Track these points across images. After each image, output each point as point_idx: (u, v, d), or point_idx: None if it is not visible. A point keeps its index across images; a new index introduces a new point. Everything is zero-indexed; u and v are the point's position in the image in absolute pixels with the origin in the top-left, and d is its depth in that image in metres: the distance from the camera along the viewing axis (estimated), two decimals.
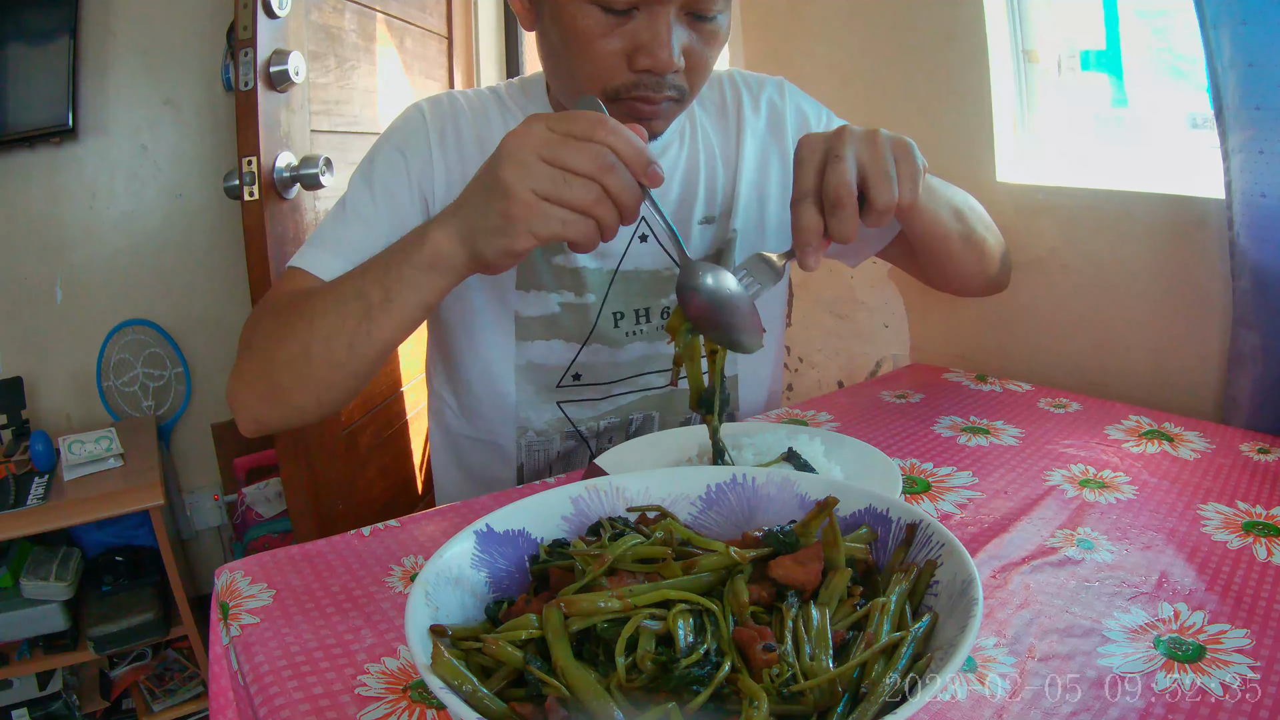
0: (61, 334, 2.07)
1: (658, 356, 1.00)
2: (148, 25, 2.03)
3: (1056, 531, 0.69)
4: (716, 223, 1.00)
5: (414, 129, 0.92)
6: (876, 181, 0.68)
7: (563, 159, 0.63)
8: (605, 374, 0.99)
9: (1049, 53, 1.30)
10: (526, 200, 0.64)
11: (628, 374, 1.00)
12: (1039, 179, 1.27)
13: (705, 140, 1.00)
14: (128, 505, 1.67)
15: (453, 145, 0.92)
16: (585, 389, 0.99)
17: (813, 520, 0.52)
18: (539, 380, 0.97)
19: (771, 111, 1.02)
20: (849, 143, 0.69)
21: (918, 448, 0.88)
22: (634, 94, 0.81)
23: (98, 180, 2.06)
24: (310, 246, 0.87)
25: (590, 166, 0.63)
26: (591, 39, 0.78)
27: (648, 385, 1.01)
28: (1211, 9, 0.89)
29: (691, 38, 0.80)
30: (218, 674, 0.65)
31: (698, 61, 0.82)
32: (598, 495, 0.57)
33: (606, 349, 0.97)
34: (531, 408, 0.98)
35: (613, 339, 0.97)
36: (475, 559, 0.51)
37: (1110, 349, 1.18)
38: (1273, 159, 0.89)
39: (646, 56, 0.77)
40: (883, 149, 0.69)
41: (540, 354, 0.96)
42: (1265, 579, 0.61)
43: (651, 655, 0.42)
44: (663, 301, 0.98)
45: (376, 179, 0.89)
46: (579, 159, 0.63)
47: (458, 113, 0.93)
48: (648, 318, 0.98)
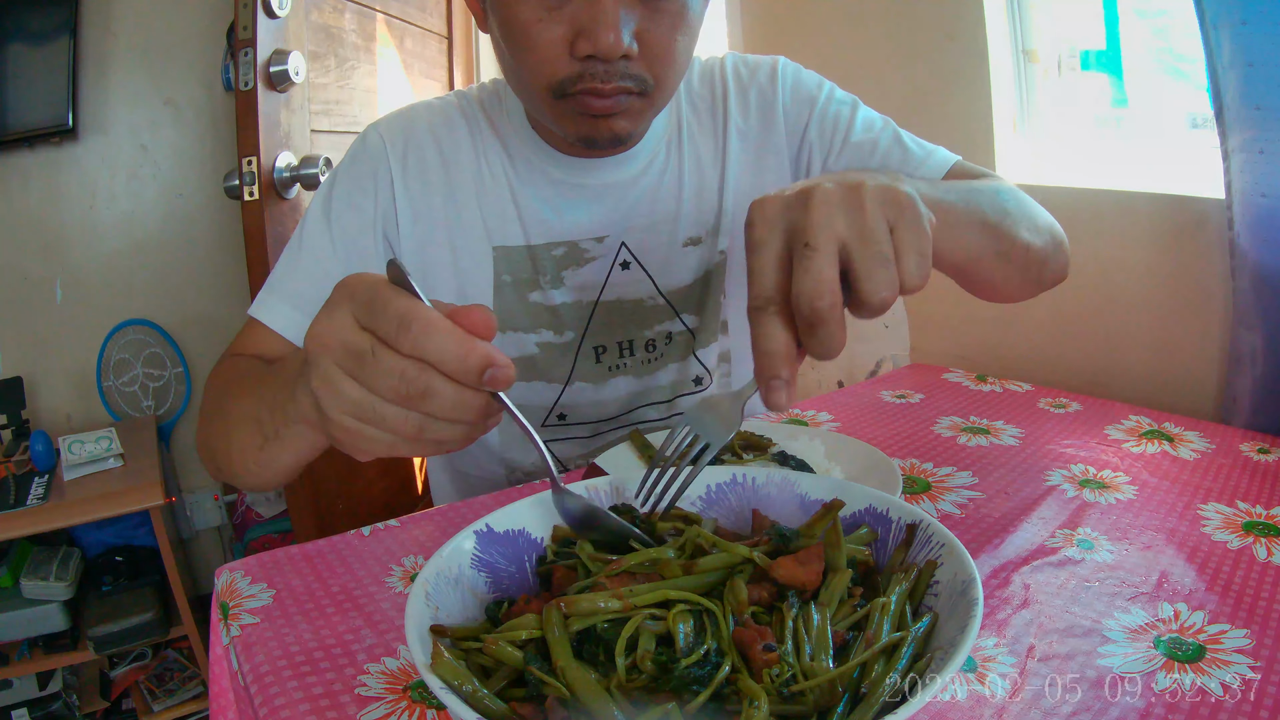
0: (61, 334, 2.07)
1: (646, 391, 0.94)
2: (148, 25, 2.03)
3: (1056, 531, 0.69)
4: (704, 243, 0.92)
5: (375, 161, 0.85)
6: (870, 271, 0.46)
7: (365, 379, 0.45)
8: (591, 413, 0.93)
9: (1049, 53, 1.30)
10: (344, 425, 0.47)
11: (615, 412, 0.94)
12: (1039, 179, 1.27)
13: (692, 146, 0.91)
14: (128, 505, 1.67)
15: (415, 174, 0.85)
16: (572, 428, 0.94)
17: (818, 522, 0.52)
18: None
19: (762, 104, 0.91)
20: (823, 219, 0.46)
21: (918, 448, 0.88)
22: (581, 86, 0.72)
23: (98, 180, 2.06)
24: (270, 294, 0.83)
25: (395, 392, 0.45)
26: (530, 27, 0.71)
27: (641, 419, 0.95)
28: (1211, 9, 0.89)
29: (646, 18, 0.71)
30: (218, 674, 0.65)
31: (658, 47, 0.73)
32: (598, 495, 0.57)
33: (590, 387, 0.92)
34: (516, 449, 0.94)
35: (594, 376, 0.91)
36: (475, 559, 0.51)
37: (1110, 349, 1.18)
38: (1273, 159, 0.89)
39: (588, 41, 0.69)
40: (872, 221, 0.47)
41: (520, 395, 0.90)
42: (1265, 579, 0.61)
43: (652, 655, 0.42)
44: (646, 333, 0.92)
45: (335, 221, 0.83)
46: (382, 381, 0.45)
47: (419, 134, 0.86)
48: (631, 351, 0.92)
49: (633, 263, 0.90)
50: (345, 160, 0.87)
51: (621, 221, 0.89)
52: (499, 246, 0.87)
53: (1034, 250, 0.79)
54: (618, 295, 0.90)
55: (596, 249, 0.89)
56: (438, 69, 2.15)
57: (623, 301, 0.91)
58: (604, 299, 0.90)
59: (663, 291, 0.92)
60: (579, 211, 0.88)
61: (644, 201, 0.89)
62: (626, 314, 0.91)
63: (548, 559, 0.53)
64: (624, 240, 0.89)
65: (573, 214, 0.87)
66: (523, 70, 0.75)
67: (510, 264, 0.87)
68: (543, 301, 0.89)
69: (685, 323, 0.94)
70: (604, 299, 0.90)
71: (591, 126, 0.76)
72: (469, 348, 0.44)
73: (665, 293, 0.92)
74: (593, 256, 0.89)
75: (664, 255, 0.91)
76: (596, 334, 0.91)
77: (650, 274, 0.90)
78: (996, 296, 0.86)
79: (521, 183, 0.87)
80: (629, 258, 0.89)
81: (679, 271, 0.92)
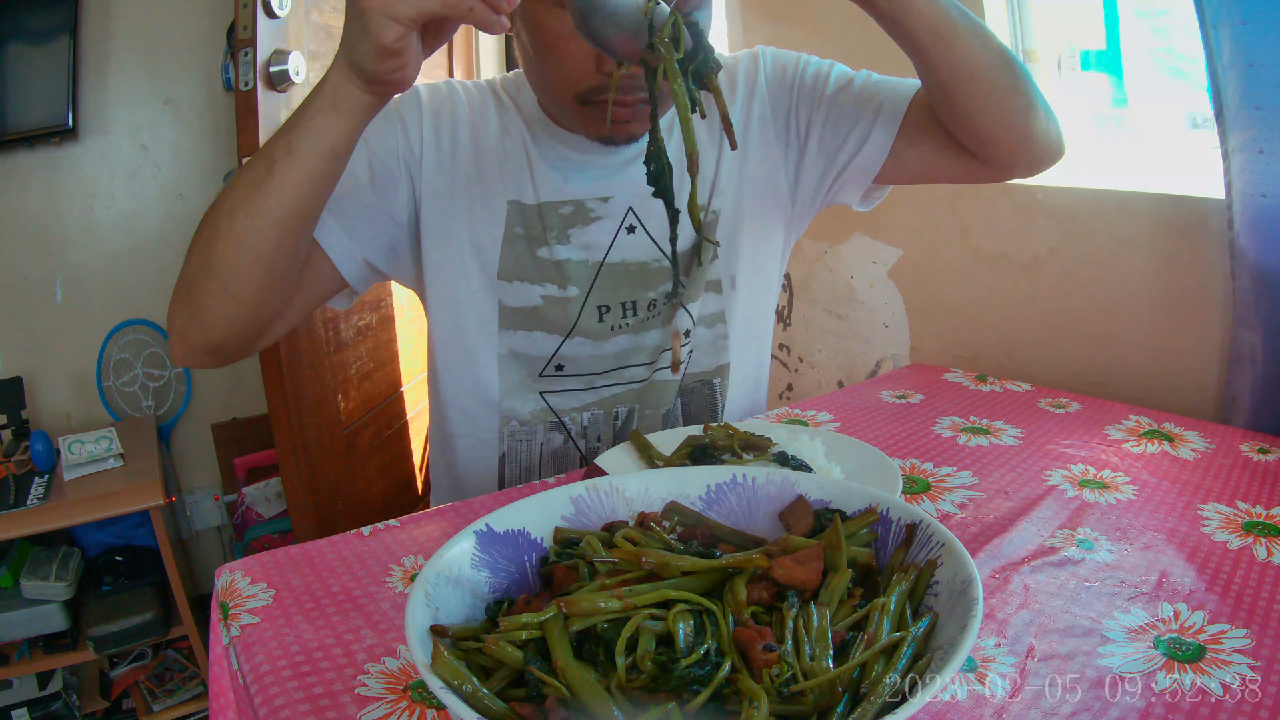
0: (61, 334, 2.07)
1: (641, 348, 0.99)
2: (148, 25, 2.03)
3: (1056, 531, 0.69)
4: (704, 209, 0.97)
5: (410, 109, 0.91)
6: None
7: None
8: (588, 365, 0.98)
9: (1049, 53, 1.30)
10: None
11: (610, 366, 0.99)
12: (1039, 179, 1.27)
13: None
14: (128, 505, 1.67)
15: (447, 131, 0.91)
16: (567, 379, 0.99)
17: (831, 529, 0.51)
18: (521, 369, 0.97)
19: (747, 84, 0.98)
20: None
21: (918, 448, 0.88)
22: (605, 97, 0.79)
23: (98, 180, 2.06)
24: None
25: None
26: (559, 40, 0.77)
27: (632, 378, 1.00)
28: (1211, 9, 0.89)
29: None
30: (218, 674, 0.65)
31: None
32: (598, 495, 0.57)
33: (589, 342, 0.96)
34: (515, 397, 0.98)
35: (596, 333, 0.96)
36: (475, 559, 0.51)
37: (1110, 349, 1.18)
38: (1273, 159, 0.89)
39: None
40: None
41: (522, 344, 0.96)
42: (1265, 579, 0.61)
43: (652, 656, 0.42)
44: (649, 294, 0.97)
45: (372, 140, 0.88)
46: None
47: (455, 101, 0.93)
48: (634, 311, 0.97)
49: (638, 227, 0.95)
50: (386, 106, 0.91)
51: (627, 186, 0.94)
52: (513, 201, 0.93)
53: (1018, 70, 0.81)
54: (623, 257, 0.95)
55: (601, 209, 0.94)
56: (438, 69, 2.16)
57: (628, 263, 0.96)
58: (610, 260, 0.95)
59: (667, 255, 0.96)
60: (584, 176, 0.94)
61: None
62: (631, 275, 0.96)
63: (550, 559, 0.53)
64: (630, 205, 0.94)
65: (578, 178, 0.94)
66: (549, 76, 0.81)
67: (522, 218, 0.93)
68: (549, 257, 0.94)
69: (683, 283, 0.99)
70: (610, 260, 0.95)
71: (611, 130, 0.84)
72: None
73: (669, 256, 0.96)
74: (598, 216, 0.94)
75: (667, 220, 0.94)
76: (602, 293, 0.95)
77: (654, 238, 0.96)
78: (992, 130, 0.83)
79: (538, 153, 0.94)
80: (635, 222, 0.95)
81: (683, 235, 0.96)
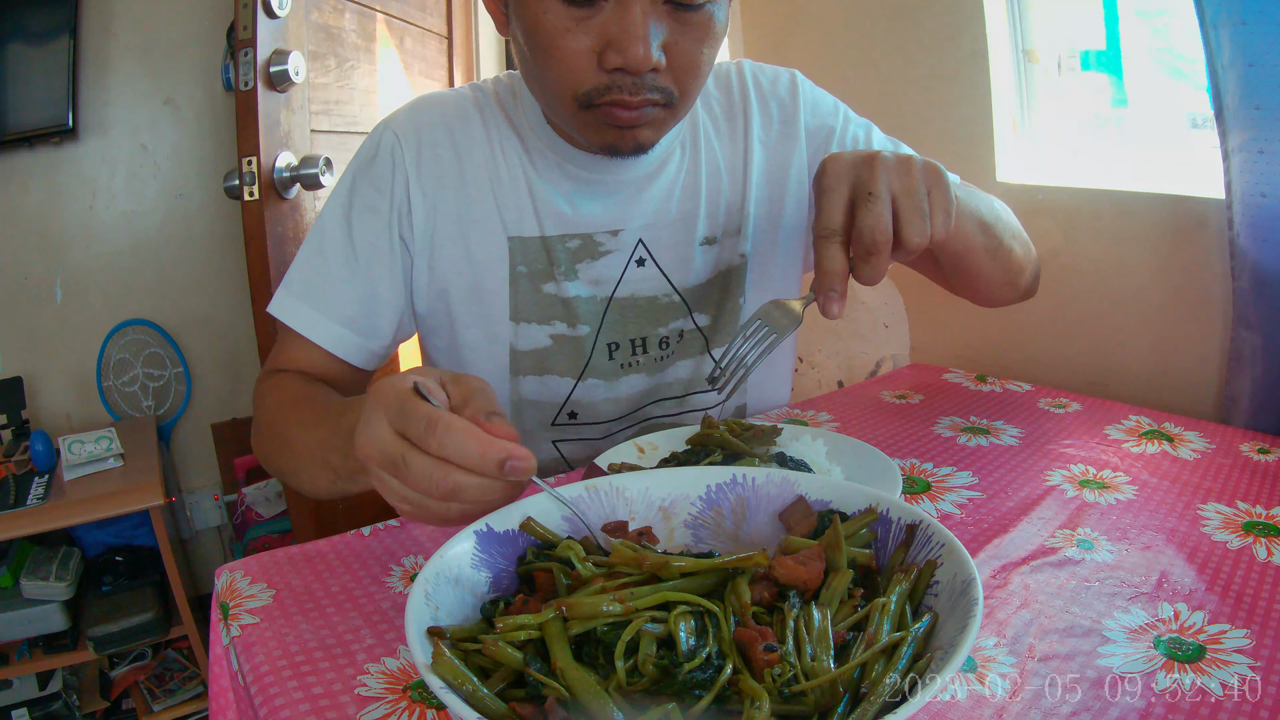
0: (61, 334, 2.07)
1: (657, 388, 0.94)
2: (148, 25, 2.03)
3: (1056, 531, 0.69)
4: (720, 243, 0.93)
5: (390, 160, 0.85)
6: (910, 219, 0.64)
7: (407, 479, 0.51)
8: (602, 412, 0.93)
9: (1049, 53, 1.30)
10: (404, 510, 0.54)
11: (626, 410, 0.94)
12: (1039, 179, 1.27)
13: (709, 149, 0.92)
14: (128, 505, 1.67)
15: (430, 169, 0.85)
16: (582, 428, 0.94)
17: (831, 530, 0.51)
18: (533, 417, 0.93)
19: (783, 116, 0.94)
20: (882, 176, 0.64)
21: (918, 448, 0.88)
22: (608, 98, 0.72)
23: (98, 180, 2.06)
24: (298, 300, 0.84)
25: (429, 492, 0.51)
26: (557, 36, 0.70)
27: (647, 417, 0.96)
28: (1211, 9, 0.89)
29: (674, 30, 0.71)
30: (218, 674, 0.65)
31: (685, 59, 0.72)
32: (598, 495, 0.57)
33: (602, 384, 0.92)
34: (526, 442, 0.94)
35: (607, 372, 0.91)
36: (475, 559, 0.51)
37: (1110, 349, 1.18)
38: (1273, 159, 0.89)
39: (617, 53, 0.69)
40: (917, 182, 0.65)
41: (533, 390, 0.91)
42: (1265, 579, 0.61)
43: (653, 659, 0.42)
44: (660, 330, 0.92)
45: (356, 224, 0.84)
46: (417, 483, 0.51)
47: (433, 128, 0.86)
48: (644, 348, 0.92)
49: (648, 260, 0.90)
50: (361, 160, 0.87)
51: (637, 217, 0.90)
52: (514, 237, 0.87)
53: (1015, 256, 0.91)
54: (632, 291, 0.91)
55: (611, 242, 0.89)
56: (438, 69, 2.15)
57: (637, 298, 0.91)
58: (619, 295, 0.90)
59: (678, 289, 0.93)
60: (593, 205, 0.88)
61: (660, 199, 0.90)
62: (641, 310, 0.92)
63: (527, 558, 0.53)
64: (641, 237, 0.90)
65: (587, 207, 0.88)
66: (548, 78, 0.74)
67: (525, 255, 0.88)
68: (556, 293, 0.89)
69: (697, 321, 0.95)
70: (619, 295, 0.90)
71: (616, 136, 0.76)
72: (487, 445, 0.49)
73: (680, 290, 0.93)
74: (607, 250, 0.89)
75: (680, 253, 0.92)
76: (611, 330, 0.91)
77: (665, 271, 0.91)
78: (977, 295, 0.97)
79: (537, 175, 0.87)
80: (644, 255, 0.90)
81: (694, 270, 0.93)
